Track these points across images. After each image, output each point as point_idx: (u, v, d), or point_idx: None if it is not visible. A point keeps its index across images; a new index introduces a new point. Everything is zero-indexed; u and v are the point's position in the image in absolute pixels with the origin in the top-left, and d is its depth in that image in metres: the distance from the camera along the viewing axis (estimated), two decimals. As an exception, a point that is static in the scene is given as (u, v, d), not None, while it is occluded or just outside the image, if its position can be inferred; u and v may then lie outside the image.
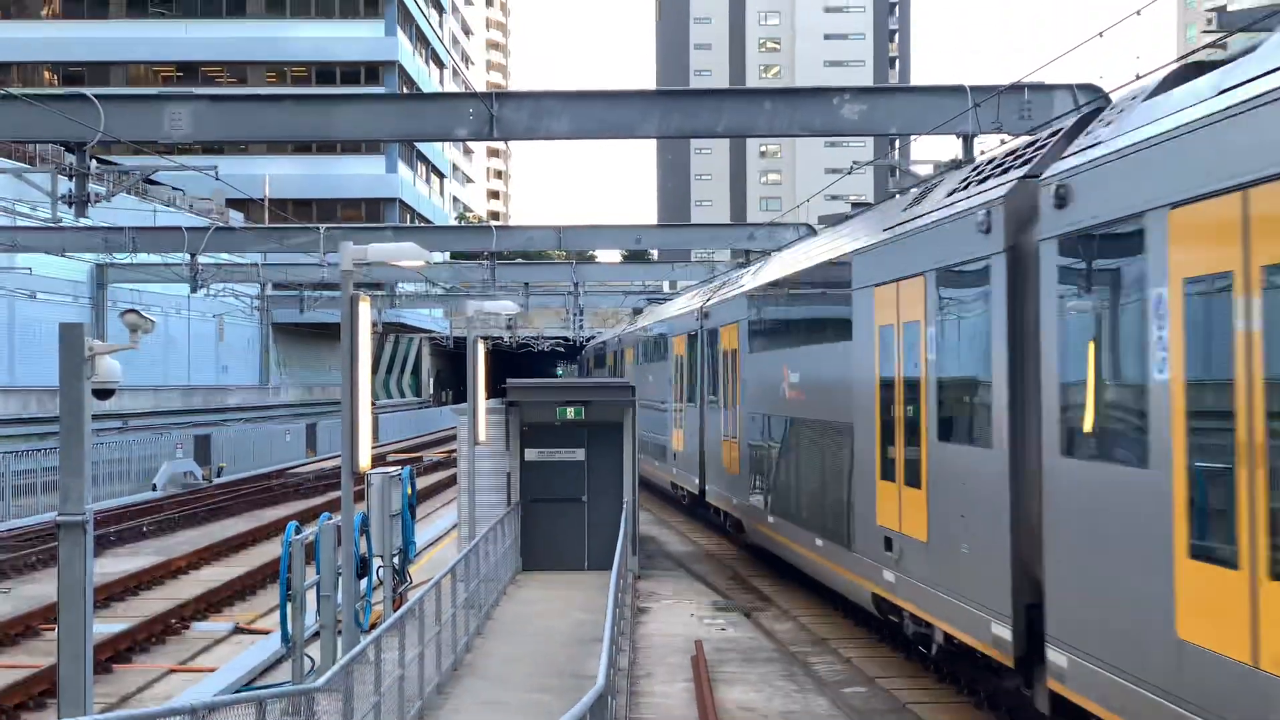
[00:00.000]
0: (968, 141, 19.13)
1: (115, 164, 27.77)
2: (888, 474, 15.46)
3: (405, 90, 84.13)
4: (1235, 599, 8.14)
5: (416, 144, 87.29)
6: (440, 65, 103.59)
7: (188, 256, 42.38)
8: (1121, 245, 9.86)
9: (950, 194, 14.19)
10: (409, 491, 18.83)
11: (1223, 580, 8.31)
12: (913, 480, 14.55)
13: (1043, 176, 11.38)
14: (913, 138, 20.65)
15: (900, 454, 14.95)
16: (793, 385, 20.70)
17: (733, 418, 25.72)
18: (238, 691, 14.88)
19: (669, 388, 34.64)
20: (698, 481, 30.11)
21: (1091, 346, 10.43)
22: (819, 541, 18.97)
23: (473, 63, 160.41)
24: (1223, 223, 8.37)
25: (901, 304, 14.97)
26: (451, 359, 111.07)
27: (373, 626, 15.50)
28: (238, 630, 20.78)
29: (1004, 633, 12.04)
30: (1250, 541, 7.99)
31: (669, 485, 35.88)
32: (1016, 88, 18.91)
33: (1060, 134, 12.42)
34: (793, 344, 21.07)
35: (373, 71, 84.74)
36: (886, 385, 15.50)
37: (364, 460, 13.30)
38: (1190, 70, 9.99)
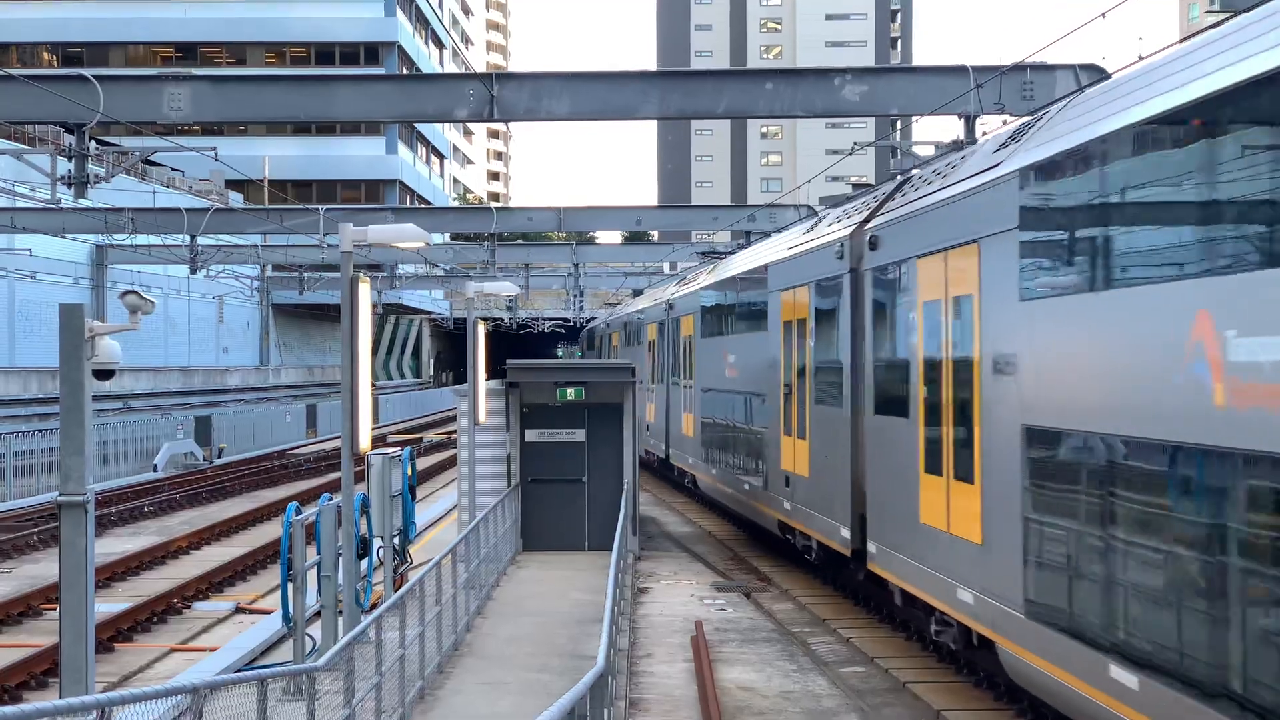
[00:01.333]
0: (970, 122, 19.12)
1: (114, 145, 27.74)
2: None
3: (405, 71, 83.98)
4: None
5: (416, 125, 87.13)
6: (440, 46, 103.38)
7: (187, 238, 42.40)
8: None
9: None
10: (409, 472, 18.86)
11: None
12: None
13: None
14: (914, 118, 20.63)
15: None
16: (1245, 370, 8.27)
17: (959, 437, 13.78)
18: (239, 671, 14.93)
19: (772, 374, 22.54)
20: (846, 533, 18.17)
21: None
22: None
23: (472, 43, 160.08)
24: None
25: None
26: (452, 340, 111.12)
27: (373, 606, 15.54)
28: (239, 610, 20.82)
29: None
30: None
31: (775, 525, 23.02)
32: (1019, 68, 18.89)
33: None
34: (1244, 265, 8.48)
35: (372, 52, 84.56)
36: None
37: (364, 441, 13.32)
38: None
